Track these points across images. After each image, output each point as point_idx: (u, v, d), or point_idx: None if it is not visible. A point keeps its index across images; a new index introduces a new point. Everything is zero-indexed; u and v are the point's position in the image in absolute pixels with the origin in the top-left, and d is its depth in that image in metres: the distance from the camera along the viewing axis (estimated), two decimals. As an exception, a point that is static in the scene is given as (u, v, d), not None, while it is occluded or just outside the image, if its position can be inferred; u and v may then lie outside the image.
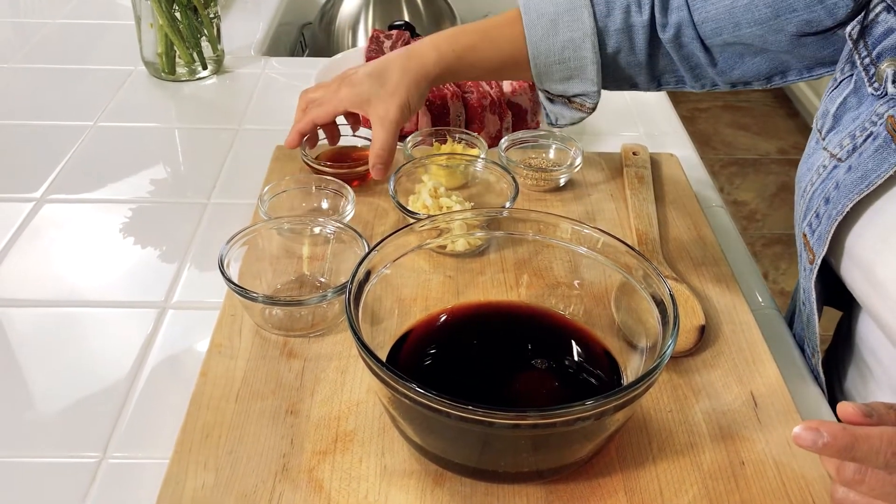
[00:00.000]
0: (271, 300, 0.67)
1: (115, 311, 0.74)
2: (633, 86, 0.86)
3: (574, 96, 0.84)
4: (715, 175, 2.88)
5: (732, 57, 0.80)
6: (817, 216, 0.65)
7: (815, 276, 0.67)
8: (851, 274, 0.64)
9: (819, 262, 0.65)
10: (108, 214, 0.87)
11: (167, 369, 0.68)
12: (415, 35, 1.27)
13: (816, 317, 0.70)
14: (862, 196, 0.61)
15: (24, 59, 1.21)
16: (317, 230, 0.74)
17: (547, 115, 0.87)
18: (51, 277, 0.78)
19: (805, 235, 0.68)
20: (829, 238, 0.64)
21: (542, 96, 0.87)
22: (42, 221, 0.86)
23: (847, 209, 0.61)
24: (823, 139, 0.66)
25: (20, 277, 0.78)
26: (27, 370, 0.68)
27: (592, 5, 0.80)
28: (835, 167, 0.64)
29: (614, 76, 0.84)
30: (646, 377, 0.50)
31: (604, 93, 0.84)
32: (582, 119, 0.85)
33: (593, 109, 0.85)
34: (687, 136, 1.08)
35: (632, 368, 0.59)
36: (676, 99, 1.27)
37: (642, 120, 1.12)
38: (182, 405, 0.62)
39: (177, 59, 1.15)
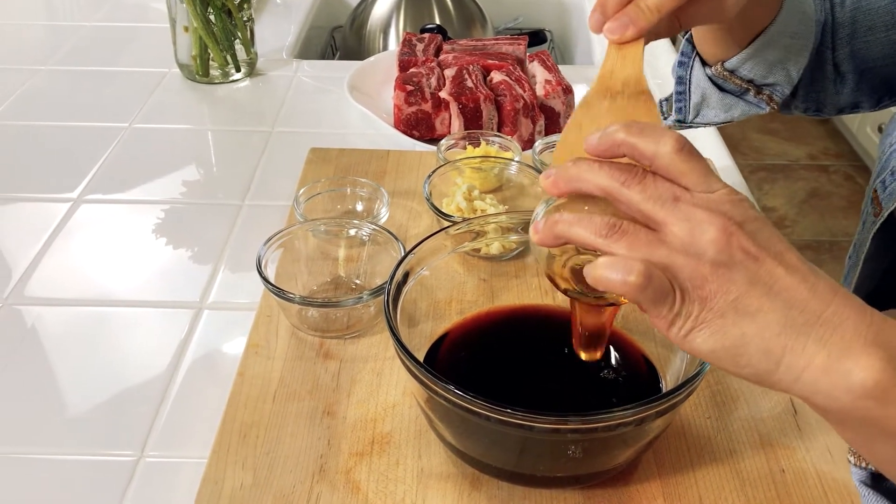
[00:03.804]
0: (308, 301, 0.67)
1: (151, 311, 0.75)
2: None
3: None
4: (744, 181, 2.86)
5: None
6: (892, 173, 0.65)
7: (875, 229, 0.66)
8: None
9: (885, 215, 0.65)
10: (144, 215, 0.88)
11: (203, 369, 0.69)
12: (447, 38, 1.27)
13: (857, 270, 0.70)
14: None
15: (60, 62, 1.23)
16: (352, 232, 0.74)
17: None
18: (87, 277, 0.79)
19: (875, 191, 0.67)
20: None
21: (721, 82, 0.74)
22: (78, 222, 0.87)
23: None
24: None
25: (57, 277, 0.79)
26: (65, 369, 0.69)
27: None
28: None
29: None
30: (688, 383, 0.49)
31: None
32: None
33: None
34: (721, 140, 1.07)
35: (671, 374, 0.59)
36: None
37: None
38: (218, 405, 0.62)
39: (210, 62, 1.15)
